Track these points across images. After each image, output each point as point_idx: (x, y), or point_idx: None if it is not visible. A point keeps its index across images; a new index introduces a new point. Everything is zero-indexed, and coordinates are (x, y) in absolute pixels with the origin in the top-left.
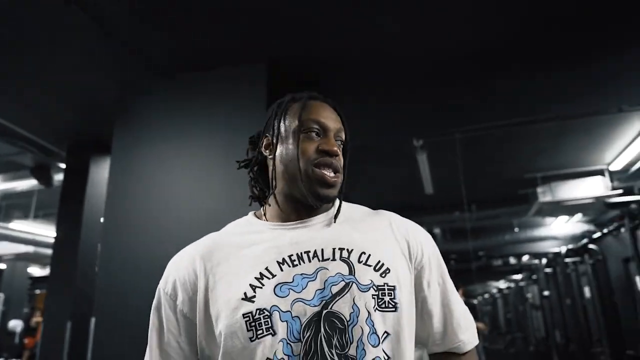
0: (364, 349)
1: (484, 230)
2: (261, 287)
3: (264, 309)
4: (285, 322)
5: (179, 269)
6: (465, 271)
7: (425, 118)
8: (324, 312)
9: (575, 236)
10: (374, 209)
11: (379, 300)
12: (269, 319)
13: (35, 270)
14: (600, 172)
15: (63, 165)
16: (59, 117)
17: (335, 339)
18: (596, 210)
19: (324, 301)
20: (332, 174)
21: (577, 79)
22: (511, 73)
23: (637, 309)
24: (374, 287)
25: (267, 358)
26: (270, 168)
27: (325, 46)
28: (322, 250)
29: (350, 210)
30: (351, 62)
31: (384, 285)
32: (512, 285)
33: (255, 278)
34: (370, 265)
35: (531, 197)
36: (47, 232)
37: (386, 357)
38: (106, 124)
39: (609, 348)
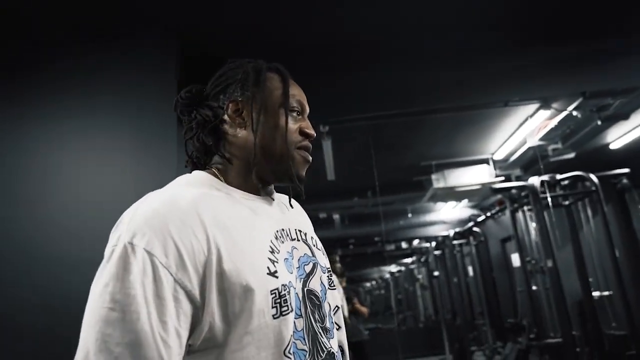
0: (332, 322)
1: (380, 216)
2: (277, 262)
3: (286, 284)
4: (294, 299)
5: (186, 231)
6: (361, 256)
7: (332, 104)
8: (305, 289)
9: (461, 220)
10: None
11: (329, 280)
12: (288, 296)
13: None
14: (486, 161)
15: None
16: None
17: (316, 314)
18: (481, 195)
19: (302, 279)
20: (309, 158)
21: (472, 74)
22: (415, 65)
23: (512, 282)
24: (326, 268)
25: (291, 333)
26: (243, 136)
27: (233, 24)
28: (289, 229)
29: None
30: (256, 46)
31: (328, 267)
32: (403, 268)
33: (269, 251)
34: (319, 249)
35: (426, 183)
36: None
37: (337, 327)
38: None
39: (489, 319)
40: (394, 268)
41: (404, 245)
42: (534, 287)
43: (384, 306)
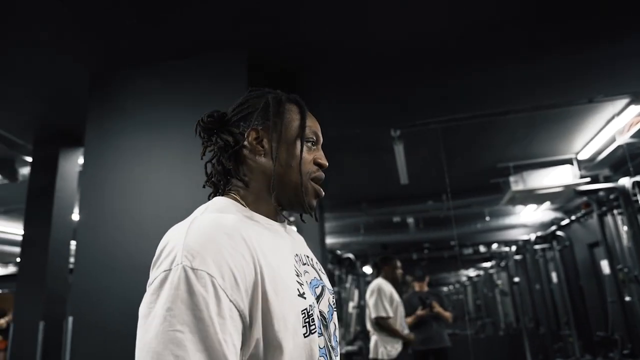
0: (336, 340)
1: (456, 220)
2: (302, 284)
3: (312, 305)
4: (317, 318)
5: (237, 255)
6: (437, 260)
7: (403, 109)
8: (320, 311)
9: (543, 223)
10: (349, 200)
11: (333, 301)
12: (314, 316)
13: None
14: (569, 161)
15: (29, 159)
16: (24, 108)
17: (325, 333)
18: (564, 198)
19: (315, 303)
20: (321, 192)
21: (550, 70)
22: (486, 64)
23: (602, 291)
24: (331, 290)
25: (318, 350)
26: (262, 162)
27: (305, 37)
28: (300, 254)
29: None
30: (330, 53)
31: (331, 290)
32: (482, 273)
33: (296, 274)
34: (324, 273)
35: (503, 186)
36: (8, 229)
37: (338, 343)
38: (76, 115)
39: (576, 330)
40: (472, 272)
41: (482, 249)
42: (627, 298)
43: (461, 312)
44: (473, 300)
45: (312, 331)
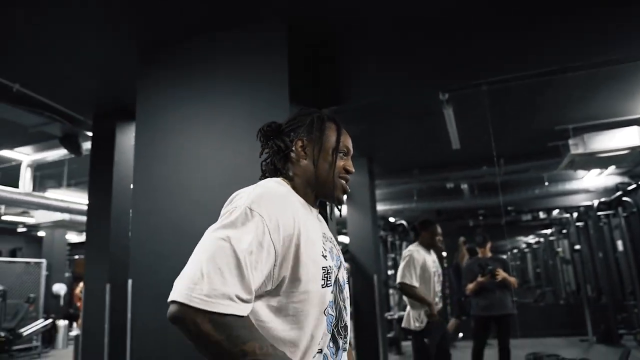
0: (349, 303)
1: (512, 185)
2: (326, 251)
3: (331, 266)
4: (333, 278)
5: (283, 212)
6: (494, 227)
7: (450, 71)
8: (337, 276)
9: (608, 189)
10: (401, 167)
11: (347, 276)
12: (331, 274)
13: (73, 237)
14: (636, 122)
15: (90, 134)
16: (83, 86)
17: (340, 295)
18: (630, 161)
19: (336, 269)
20: (347, 188)
21: (611, 23)
22: (540, 20)
23: None
24: (346, 267)
25: (328, 300)
26: (304, 165)
27: (346, 2)
28: (326, 234)
29: None
30: (373, 16)
31: (347, 266)
32: (542, 240)
33: (322, 243)
34: (341, 253)
35: (562, 149)
36: (80, 199)
37: (351, 311)
38: (130, 90)
39: None
40: (531, 239)
41: (541, 215)
42: None
43: (520, 279)
44: (533, 268)
45: (328, 285)
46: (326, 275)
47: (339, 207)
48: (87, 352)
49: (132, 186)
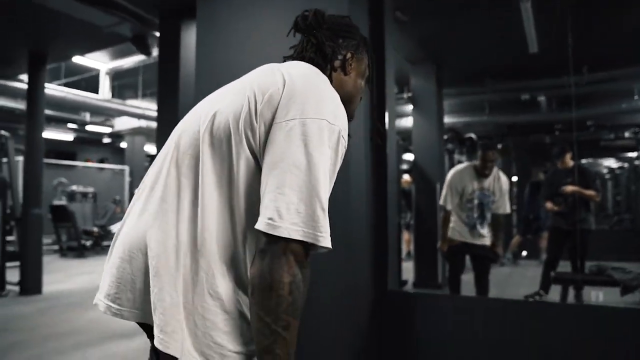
0: None
1: (597, 98)
2: None
3: None
4: None
5: (345, 124)
6: (570, 144)
7: None
8: None
9: None
10: (470, 75)
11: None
12: None
13: (152, 148)
14: None
15: (158, 34)
16: None
17: None
18: None
19: None
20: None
21: None
22: None
23: None
24: None
25: None
26: (340, 77)
27: None
28: None
29: None
30: None
31: None
32: (626, 165)
33: None
34: None
35: None
36: (155, 107)
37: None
38: None
39: None
40: (613, 163)
41: (626, 134)
42: None
43: (598, 208)
44: (613, 196)
45: None
46: None
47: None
48: None
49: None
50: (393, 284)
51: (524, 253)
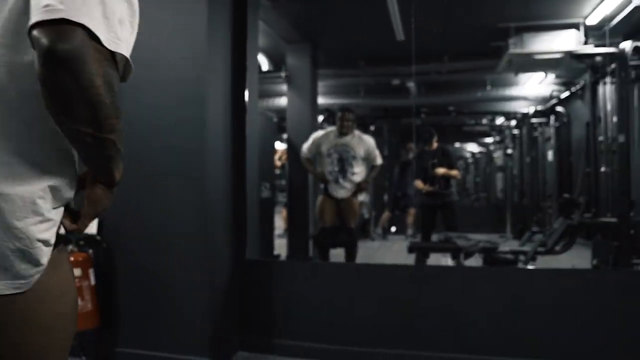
0: None
1: (457, 86)
2: None
3: None
4: None
5: None
6: (438, 130)
7: None
8: None
9: (546, 98)
10: (344, 57)
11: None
12: None
13: None
14: (576, 26)
15: None
16: None
17: None
18: (566, 67)
19: None
20: None
21: None
22: None
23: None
24: None
25: None
26: None
27: None
28: None
29: None
30: None
31: None
32: (484, 150)
33: None
34: None
35: (504, 50)
36: None
37: None
38: None
39: (557, 202)
40: (475, 148)
41: (484, 121)
42: (602, 169)
43: (461, 188)
44: (473, 178)
45: None
46: None
47: None
48: None
49: None
50: (252, 254)
51: (393, 229)
